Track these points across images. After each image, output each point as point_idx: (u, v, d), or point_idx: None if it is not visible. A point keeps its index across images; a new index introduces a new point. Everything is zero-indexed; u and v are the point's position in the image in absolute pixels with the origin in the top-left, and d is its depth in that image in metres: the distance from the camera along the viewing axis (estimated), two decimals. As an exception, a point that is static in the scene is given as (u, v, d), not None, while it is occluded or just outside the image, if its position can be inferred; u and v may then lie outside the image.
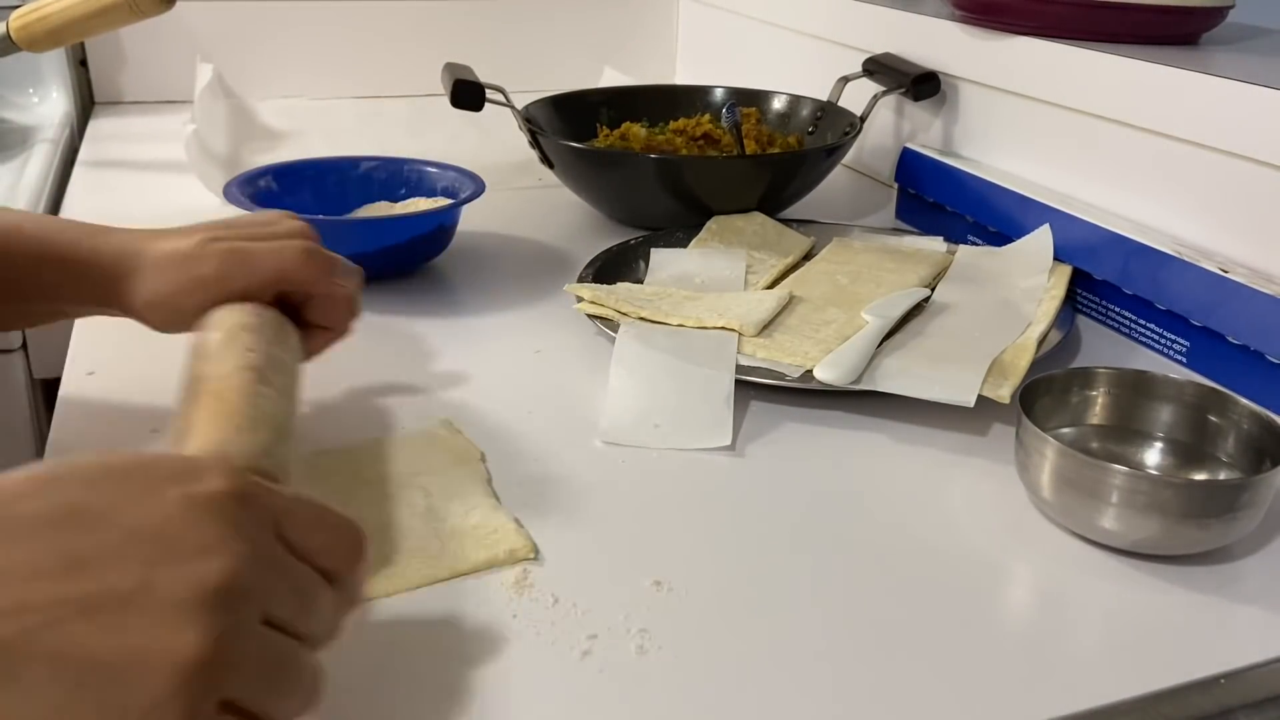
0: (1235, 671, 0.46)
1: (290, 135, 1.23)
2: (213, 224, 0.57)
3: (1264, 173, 0.71)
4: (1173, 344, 0.75)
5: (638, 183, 0.93)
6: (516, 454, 0.60)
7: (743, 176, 0.92)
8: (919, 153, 0.99)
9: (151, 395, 0.64)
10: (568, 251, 0.92)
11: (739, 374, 0.67)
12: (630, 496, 0.57)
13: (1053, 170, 0.88)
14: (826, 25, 1.18)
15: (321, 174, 0.90)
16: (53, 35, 0.96)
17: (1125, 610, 0.50)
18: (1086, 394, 0.62)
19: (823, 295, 0.79)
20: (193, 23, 1.31)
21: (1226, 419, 0.58)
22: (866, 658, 0.46)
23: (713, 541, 0.54)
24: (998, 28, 0.93)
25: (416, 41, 1.40)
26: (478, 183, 0.87)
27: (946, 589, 0.51)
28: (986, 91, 0.95)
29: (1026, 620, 0.50)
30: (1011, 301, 0.77)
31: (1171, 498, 0.51)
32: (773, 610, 0.49)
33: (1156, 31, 0.86)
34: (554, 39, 1.47)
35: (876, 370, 0.66)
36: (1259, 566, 0.53)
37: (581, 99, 1.08)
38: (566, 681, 0.44)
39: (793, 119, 1.08)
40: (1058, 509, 0.55)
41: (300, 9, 1.36)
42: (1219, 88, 0.73)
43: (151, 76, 1.32)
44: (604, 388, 0.66)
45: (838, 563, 0.52)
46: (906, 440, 0.64)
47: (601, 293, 0.74)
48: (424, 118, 1.32)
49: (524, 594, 0.48)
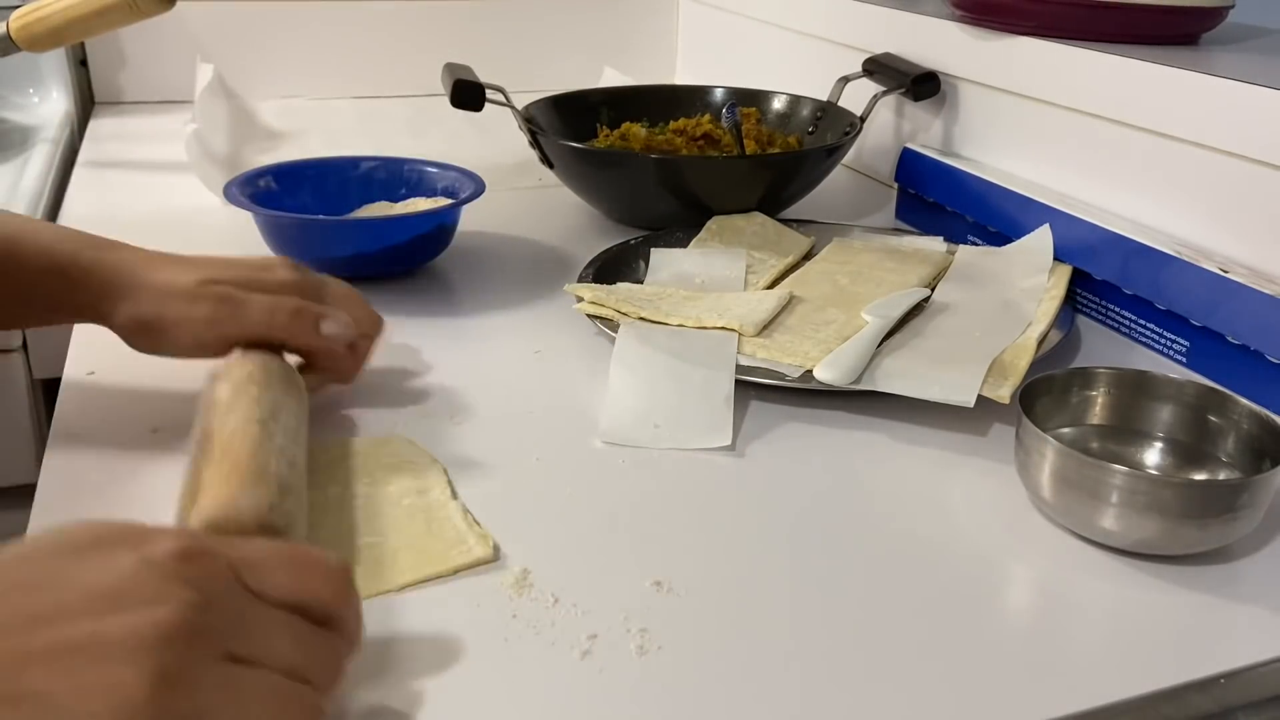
0: (1235, 671, 0.46)
1: (290, 135, 1.23)
2: (212, 261, 0.59)
3: (1264, 173, 0.71)
4: (1173, 344, 0.75)
5: (638, 183, 0.93)
6: (516, 454, 0.60)
7: (743, 176, 0.92)
8: (919, 153, 0.99)
9: (151, 395, 0.64)
10: (568, 251, 0.92)
11: (739, 374, 0.67)
12: (630, 496, 0.57)
13: (1053, 170, 0.88)
14: (826, 25, 1.18)
15: (321, 174, 0.90)
16: (53, 35, 0.96)
17: (1125, 610, 0.50)
18: (1086, 394, 0.62)
19: (823, 295, 0.79)
20: (193, 23, 1.31)
21: (1226, 419, 0.58)
22: (866, 658, 0.46)
23: (713, 541, 0.54)
24: (998, 28, 0.93)
25: (416, 41, 1.40)
26: (478, 183, 0.87)
27: (946, 589, 0.51)
28: (986, 91, 0.95)
29: (1026, 620, 0.50)
30: (1011, 301, 0.77)
31: (1171, 498, 0.51)
32: (773, 610, 0.49)
33: (1156, 31, 0.86)
34: (554, 39, 1.47)
35: (876, 370, 0.66)
36: (1259, 566, 0.53)
37: (581, 99, 1.08)
38: (566, 681, 0.44)
39: (793, 119, 1.08)
40: (1058, 509, 0.55)
41: (300, 9, 1.36)
42: (1219, 88, 0.73)
43: (151, 76, 1.32)
44: (604, 388, 0.66)
45: (838, 563, 0.52)
46: (906, 440, 0.64)
47: (601, 293, 0.74)
48: (424, 118, 1.32)
49: (524, 594, 0.48)
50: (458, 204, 0.84)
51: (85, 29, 0.96)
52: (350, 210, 0.88)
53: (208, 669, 0.33)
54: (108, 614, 0.32)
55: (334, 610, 0.38)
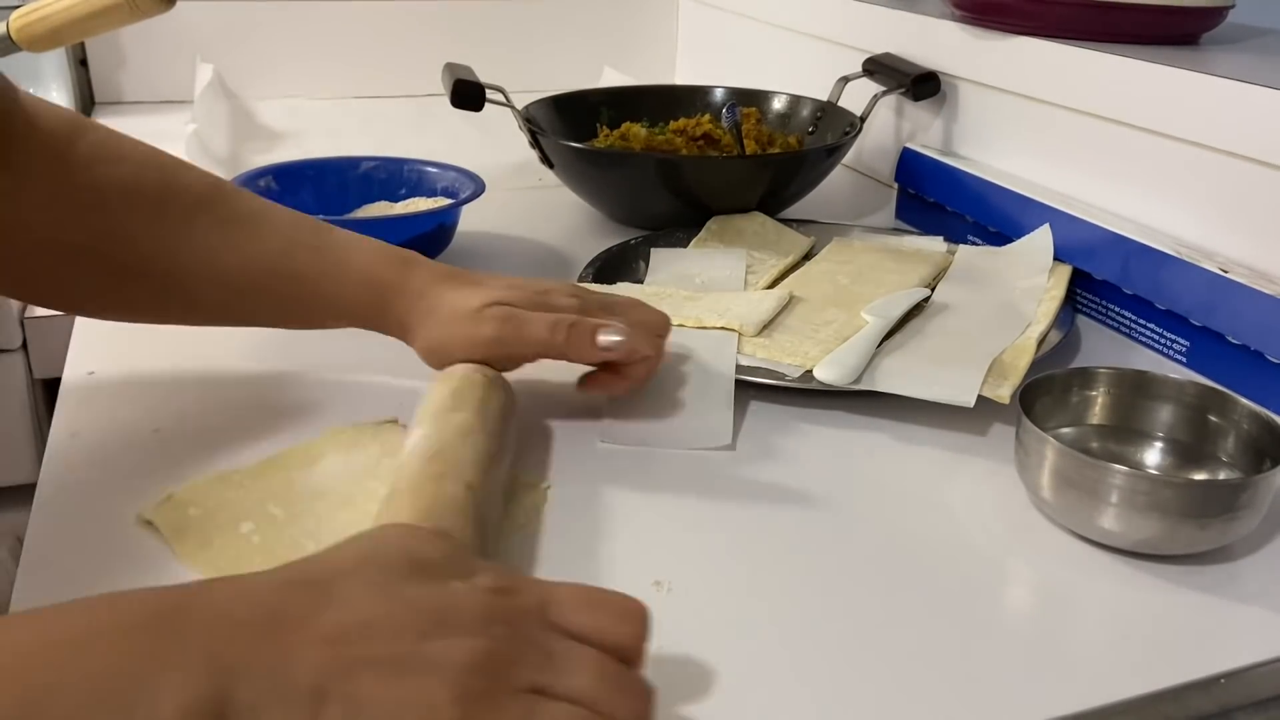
0: (1235, 671, 0.46)
1: (290, 135, 1.23)
2: (498, 281, 0.62)
3: (1264, 173, 0.71)
4: (1173, 344, 0.75)
5: (638, 183, 0.93)
6: (516, 454, 0.60)
7: (743, 176, 0.92)
8: (919, 153, 0.99)
9: (152, 395, 0.64)
10: (568, 251, 0.92)
11: (739, 374, 0.66)
12: (630, 496, 0.57)
13: (1052, 170, 0.88)
14: (826, 25, 1.18)
15: (321, 174, 0.90)
16: (53, 35, 0.96)
17: (1125, 610, 0.50)
18: (1086, 394, 0.62)
19: (823, 295, 0.79)
20: (193, 23, 1.31)
21: (1226, 419, 0.58)
22: (866, 657, 0.46)
23: (713, 541, 0.54)
24: (998, 28, 0.93)
25: (416, 41, 1.40)
26: (478, 183, 0.87)
27: (946, 589, 0.51)
28: (986, 91, 0.95)
29: (1026, 620, 0.50)
30: (1011, 301, 0.77)
31: (1171, 498, 0.51)
32: (773, 610, 0.49)
33: (1156, 31, 0.86)
34: (554, 39, 1.47)
35: (876, 370, 0.66)
36: (1259, 566, 0.53)
37: (581, 99, 1.08)
38: (566, 681, 0.44)
39: (793, 119, 1.08)
40: (1058, 509, 0.55)
41: (300, 9, 1.36)
42: (1219, 88, 0.73)
43: (151, 76, 1.32)
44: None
45: (838, 563, 0.52)
46: (906, 440, 0.64)
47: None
48: (424, 118, 1.32)
49: (524, 594, 0.48)
50: (458, 204, 0.84)
51: (85, 29, 0.96)
52: (350, 210, 0.88)
53: (513, 697, 0.36)
54: (433, 635, 0.36)
55: (632, 646, 0.39)
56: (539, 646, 0.37)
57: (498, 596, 0.38)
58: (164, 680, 0.32)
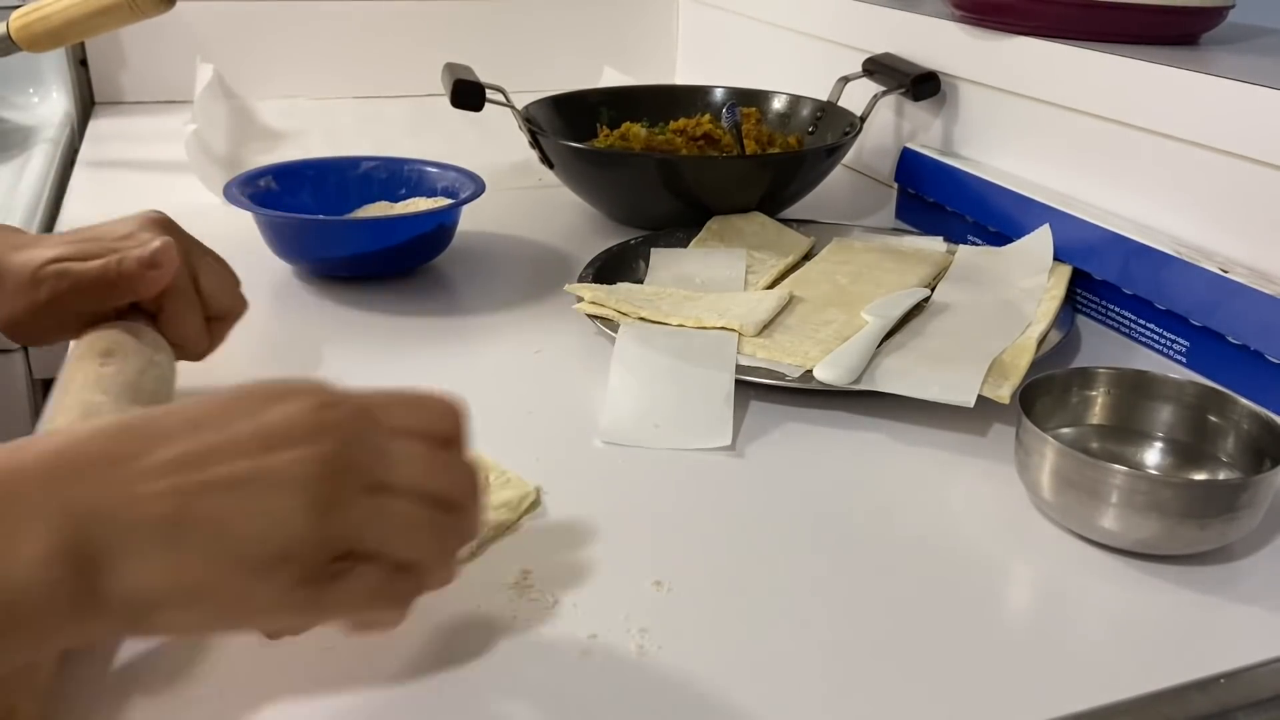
0: (1235, 671, 0.46)
1: (290, 135, 1.23)
2: (64, 236, 0.59)
3: (1264, 173, 0.71)
4: (1173, 344, 0.75)
5: (638, 183, 0.93)
6: (516, 454, 0.60)
7: (743, 176, 0.92)
8: (919, 153, 0.99)
9: (151, 395, 0.64)
10: (568, 251, 0.92)
11: (739, 374, 0.67)
12: (630, 496, 0.57)
13: (1053, 170, 0.88)
14: (826, 25, 1.18)
15: (321, 174, 0.90)
16: (53, 35, 0.96)
17: (1125, 610, 0.50)
18: (1086, 394, 0.62)
19: (823, 295, 0.79)
20: (193, 23, 1.31)
21: (1226, 419, 0.58)
22: (866, 657, 0.46)
23: (713, 541, 0.54)
24: (998, 28, 0.93)
25: (416, 41, 1.40)
26: (478, 183, 0.87)
27: (946, 589, 0.51)
28: (986, 91, 0.95)
29: (1026, 620, 0.50)
30: (1011, 301, 0.77)
31: (1171, 498, 0.51)
32: (772, 610, 0.49)
33: (1156, 31, 0.86)
34: (554, 39, 1.47)
35: (876, 370, 0.66)
36: (1259, 566, 0.54)
37: (581, 99, 1.08)
38: (566, 681, 0.44)
39: (793, 119, 1.08)
40: (1058, 509, 0.55)
41: (300, 9, 1.36)
42: (1219, 88, 0.73)
43: (151, 76, 1.32)
44: (604, 388, 0.66)
45: (837, 563, 0.52)
46: (906, 440, 0.64)
47: (601, 293, 0.74)
48: (424, 118, 1.32)
49: (524, 594, 0.48)
50: (458, 204, 0.84)
51: (85, 29, 0.96)
52: (350, 210, 0.88)
53: (357, 497, 0.37)
54: (273, 451, 0.36)
55: (454, 434, 0.41)
56: (372, 448, 0.38)
57: (324, 409, 0.38)
58: (24, 531, 0.33)
